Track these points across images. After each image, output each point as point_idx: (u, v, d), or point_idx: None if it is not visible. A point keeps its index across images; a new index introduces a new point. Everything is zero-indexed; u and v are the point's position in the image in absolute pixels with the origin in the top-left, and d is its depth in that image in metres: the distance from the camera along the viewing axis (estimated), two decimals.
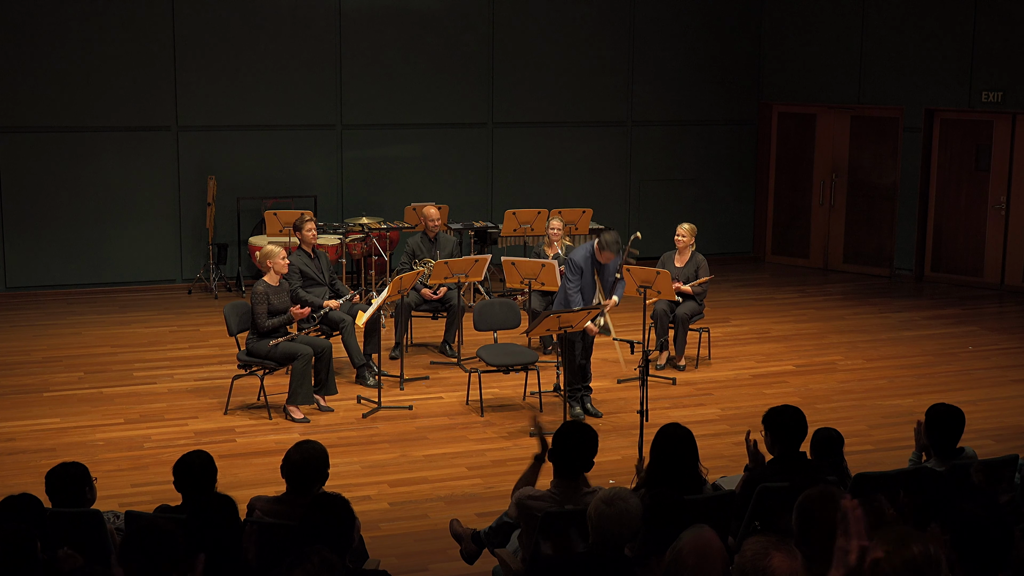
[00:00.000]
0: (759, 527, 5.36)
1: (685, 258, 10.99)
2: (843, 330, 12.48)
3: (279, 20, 14.11)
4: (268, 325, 9.42)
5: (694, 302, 10.90)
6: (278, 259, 9.60)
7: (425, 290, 11.07)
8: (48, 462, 5.95)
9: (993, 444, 8.61)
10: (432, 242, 11.34)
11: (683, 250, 11.00)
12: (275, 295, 9.53)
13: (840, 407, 9.92)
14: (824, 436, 6.26)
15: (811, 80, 15.68)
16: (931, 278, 15.03)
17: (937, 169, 14.91)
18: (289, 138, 14.30)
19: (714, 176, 16.01)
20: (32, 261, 13.58)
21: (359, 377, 10.34)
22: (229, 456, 8.50)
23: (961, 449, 6.25)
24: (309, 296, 10.12)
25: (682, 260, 11.01)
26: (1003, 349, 11.89)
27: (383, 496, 7.93)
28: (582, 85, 15.33)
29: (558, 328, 9.27)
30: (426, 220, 11.38)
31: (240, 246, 14.01)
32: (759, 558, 3.72)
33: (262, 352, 9.46)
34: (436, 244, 11.34)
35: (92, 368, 10.81)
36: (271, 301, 9.47)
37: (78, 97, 13.50)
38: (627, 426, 9.16)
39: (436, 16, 14.64)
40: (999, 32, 14.10)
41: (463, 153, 14.94)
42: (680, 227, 11.05)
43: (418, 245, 11.34)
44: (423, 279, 11.06)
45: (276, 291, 9.56)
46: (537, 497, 5.66)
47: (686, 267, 10.96)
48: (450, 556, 6.61)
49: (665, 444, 5.71)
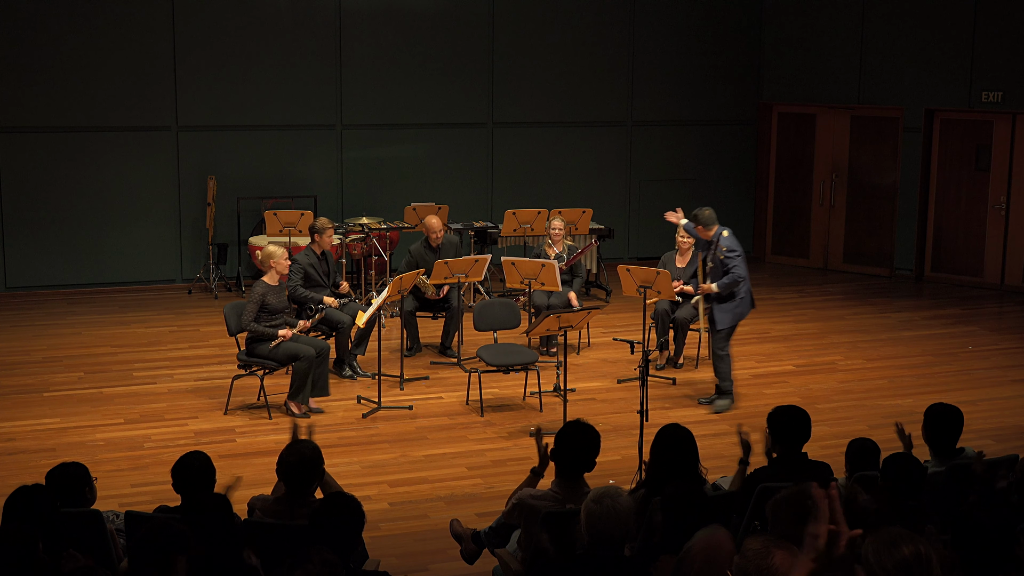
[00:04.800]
0: (759, 527, 5.36)
1: (687, 258, 10.98)
2: (843, 330, 12.48)
3: (279, 20, 14.11)
4: (251, 328, 9.38)
5: (692, 307, 10.86)
6: (280, 260, 9.59)
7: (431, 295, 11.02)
8: (48, 462, 5.95)
9: (993, 444, 8.61)
10: (435, 252, 11.18)
11: (685, 251, 10.98)
12: (273, 295, 9.53)
13: (840, 407, 9.92)
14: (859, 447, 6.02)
15: (811, 80, 15.68)
16: (931, 278, 15.03)
17: (937, 169, 14.91)
18: (289, 138, 14.30)
19: (714, 176, 16.00)
20: (32, 261, 13.58)
21: (336, 363, 10.39)
22: (229, 456, 8.50)
23: (961, 449, 6.25)
24: (308, 292, 10.13)
25: (683, 260, 10.99)
26: (1003, 349, 11.89)
27: (383, 496, 7.93)
28: (582, 85, 15.33)
29: (558, 328, 9.28)
30: (427, 232, 11.23)
31: (240, 246, 14.00)
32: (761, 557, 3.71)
33: (263, 353, 9.46)
34: (439, 254, 11.17)
35: (92, 368, 10.80)
36: (268, 301, 9.46)
37: (78, 97, 13.49)
38: (627, 426, 9.15)
39: (436, 16, 14.63)
40: (999, 32, 14.10)
41: (463, 153, 14.93)
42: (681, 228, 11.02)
43: (420, 255, 11.15)
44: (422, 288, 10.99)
45: (275, 291, 9.56)
46: (539, 496, 5.67)
47: (688, 267, 10.94)
48: (450, 556, 6.61)
49: (665, 444, 5.71)
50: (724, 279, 9.50)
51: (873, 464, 5.93)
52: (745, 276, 9.54)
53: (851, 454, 6.03)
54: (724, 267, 9.49)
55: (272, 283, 9.58)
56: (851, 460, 6.01)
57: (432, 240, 11.22)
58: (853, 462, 5.99)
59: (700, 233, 9.76)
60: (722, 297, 9.57)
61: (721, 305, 9.59)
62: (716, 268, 9.56)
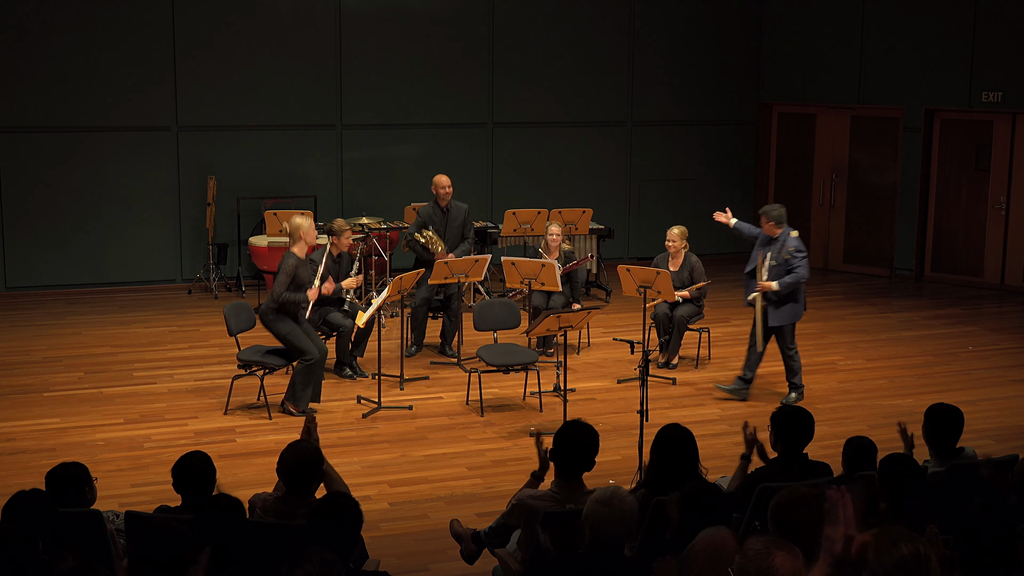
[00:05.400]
0: (759, 527, 5.36)
1: (679, 262, 10.94)
2: (843, 330, 12.48)
3: (279, 20, 14.11)
4: (285, 297, 9.30)
5: (692, 304, 10.87)
6: (309, 231, 9.42)
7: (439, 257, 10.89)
8: (48, 462, 5.94)
9: (993, 444, 8.61)
10: (444, 212, 11.13)
11: (676, 254, 10.95)
12: (303, 267, 9.44)
13: (840, 407, 9.92)
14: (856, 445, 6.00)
15: (811, 80, 15.68)
16: (931, 278, 15.03)
17: (937, 169, 14.91)
18: (289, 138, 14.30)
19: (714, 176, 16.01)
20: (32, 261, 13.58)
21: (337, 365, 10.40)
22: (229, 456, 8.50)
23: (961, 449, 6.25)
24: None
25: (676, 264, 10.94)
26: (1003, 349, 11.89)
27: (383, 496, 7.93)
28: (582, 85, 15.33)
29: (558, 328, 9.28)
30: (437, 188, 11.12)
31: (240, 246, 14.00)
32: (762, 557, 3.72)
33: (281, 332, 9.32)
34: (448, 214, 11.13)
35: (92, 368, 10.80)
36: (299, 273, 9.35)
37: (78, 97, 13.49)
38: (627, 426, 9.15)
39: (436, 16, 14.63)
40: (999, 32, 14.10)
41: (463, 153, 14.93)
42: (670, 232, 10.96)
43: (429, 216, 11.10)
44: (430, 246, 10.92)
45: (304, 264, 9.47)
46: (538, 497, 5.66)
47: (680, 271, 10.89)
48: (450, 556, 6.61)
49: (665, 444, 5.70)
50: (787, 278, 9.65)
51: (870, 463, 5.93)
52: (807, 278, 9.77)
53: (848, 453, 6.03)
54: (788, 267, 9.64)
55: (302, 255, 9.48)
56: (848, 459, 6.01)
57: (441, 198, 11.11)
58: (850, 461, 5.99)
59: (768, 230, 9.84)
60: (780, 297, 9.69)
61: (779, 304, 9.74)
62: (779, 267, 9.68)
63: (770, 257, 9.69)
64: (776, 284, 9.65)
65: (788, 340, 9.90)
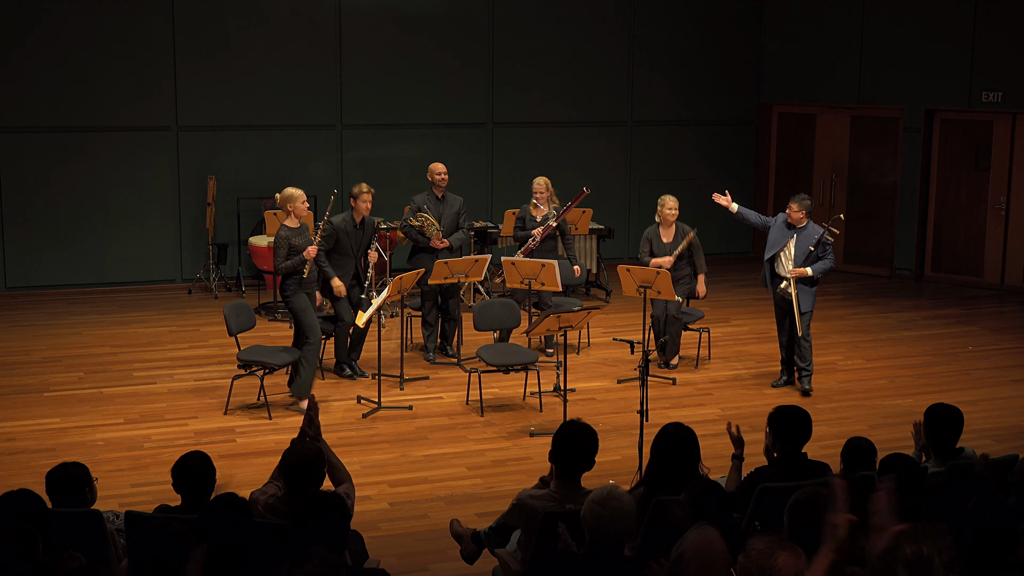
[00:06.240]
0: (759, 527, 5.36)
1: (671, 232, 10.91)
2: (843, 330, 12.48)
3: (279, 20, 14.11)
4: (283, 267, 9.46)
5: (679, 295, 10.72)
6: (299, 203, 9.61)
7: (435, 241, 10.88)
8: (48, 462, 5.95)
9: (993, 444, 8.61)
10: (439, 200, 11.02)
11: (670, 225, 10.92)
12: (297, 236, 9.55)
13: (840, 407, 9.92)
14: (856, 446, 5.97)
15: (811, 80, 15.68)
16: (931, 278, 15.03)
17: (937, 169, 14.92)
18: (289, 138, 14.30)
19: (714, 176, 15.97)
20: (32, 261, 13.58)
21: (337, 365, 10.43)
22: (229, 456, 8.50)
23: (961, 449, 6.24)
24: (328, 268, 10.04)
25: (668, 235, 10.89)
26: (1003, 349, 11.89)
27: (383, 496, 7.93)
28: (582, 85, 15.33)
29: (558, 328, 9.27)
30: (432, 175, 11.01)
31: (240, 246, 14.00)
32: (765, 557, 3.72)
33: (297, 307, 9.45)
34: (443, 203, 11.01)
35: (92, 368, 10.80)
36: (294, 243, 9.51)
37: (78, 97, 13.49)
38: (627, 426, 9.15)
39: (436, 16, 14.63)
40: (999, 32, 14.10)
41: (463, 153, 14.92)
42: (667, 199, 10.85)
43: (424, 203, 10.95)
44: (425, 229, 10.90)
45: (297, 232, 9.58)
46: (538, 497, 5.66)
47: (674, 241, 10.84)
48: (450, 556, 6.61)
49: (666, 444, 5.70)
50: (820, 264, 10.03)
51: (869, 464, 5.92)
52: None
53: (847, 453, 6.02)
54: (816, 255, 9.97)
55: (293, 225, 9.59)
56: (847, 459, 6.00)
57: (437, 186, 10.97)
58: (849, 461, 5.98)
59: (796, 219, 10.06)
60: (807, 282, 10.04)
61: (807, 289, 10.07)
62: (811, 255, 9.97)
63: (810, 245, 9.97)
64: (811, 270, 9.97)
65: (807, 326, 10.16)
